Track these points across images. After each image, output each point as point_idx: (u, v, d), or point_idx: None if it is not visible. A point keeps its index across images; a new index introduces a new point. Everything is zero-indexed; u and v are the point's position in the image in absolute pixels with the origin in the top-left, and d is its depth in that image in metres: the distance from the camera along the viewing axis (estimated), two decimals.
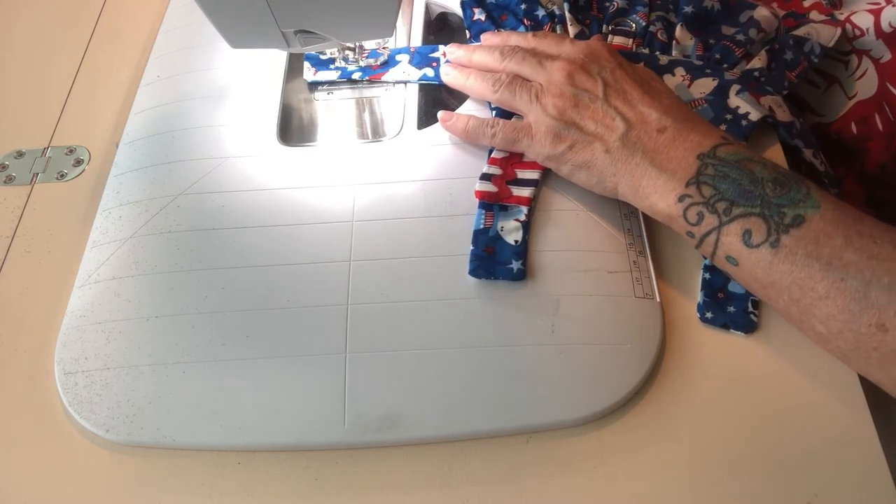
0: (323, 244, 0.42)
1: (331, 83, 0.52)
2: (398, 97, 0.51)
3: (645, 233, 0.42)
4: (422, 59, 0.52)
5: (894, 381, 0.33)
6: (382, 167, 0.46)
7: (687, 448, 0.36)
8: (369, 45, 0.52)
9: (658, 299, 0.40)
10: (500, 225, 0.42)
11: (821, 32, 0.51)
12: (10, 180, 0.49)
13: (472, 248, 0.41)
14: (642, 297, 0.40)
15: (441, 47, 0.52)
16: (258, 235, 0.43)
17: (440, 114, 0.47)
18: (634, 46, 0.51)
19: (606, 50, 0.44)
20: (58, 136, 0.51)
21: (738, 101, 0.46)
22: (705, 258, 0.41)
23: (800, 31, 0.51)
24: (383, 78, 0.51)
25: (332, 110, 0.51)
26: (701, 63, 0.49)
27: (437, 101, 0.51)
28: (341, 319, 0.39)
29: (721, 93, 0.47)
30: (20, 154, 0.50)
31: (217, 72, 0.52)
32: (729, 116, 0.46)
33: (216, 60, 0.53)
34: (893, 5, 0.48)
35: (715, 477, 0.35)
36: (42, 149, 0.51)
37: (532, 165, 0.45)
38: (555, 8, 0.54)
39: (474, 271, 0.40)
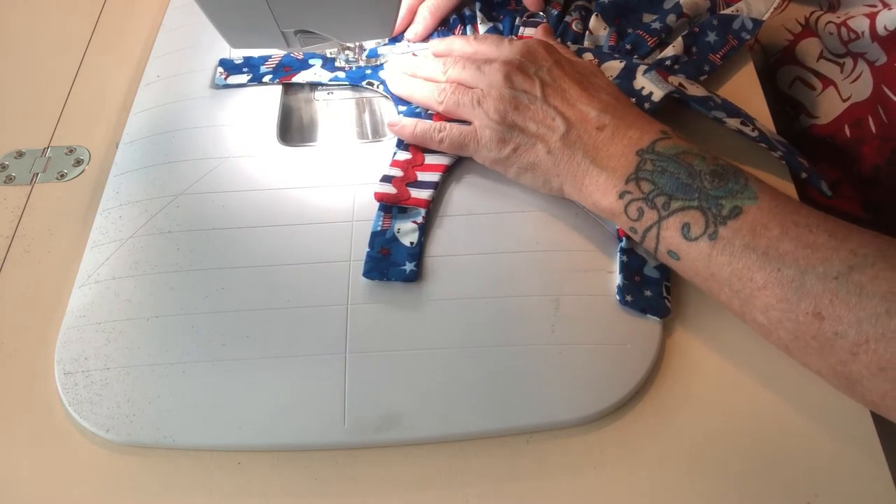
0: (323, 244, 0.42)
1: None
2: None
3: None
4: (333, 63, 0.52)
5: (833, 369, 0.33)
6: (382, 167, 0.46)
7: (687, 448, 0.36)
8: (369, 44, 0.52)
9: None
10: (396, 227, 0.42)
11: (754, 6, 0.50)
12: (10, 180, 0.49)
13: (367, 249, 0.41)
14: None
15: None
16: (258, 235, 0.43)
17: (388, 121, 0.47)
18: None
19: (543, 48, 0.44)
20: (58, 136, 0.51)
21: (644, 82, 0.46)
22: (620, 241, 0.41)
23: (729, 10, 0.50)
24: (294, 79, 0.51)
25: (332, 110, 0.51)
26: (610, 53, 0.49)
27: None
28: (341, 319, 0.39)
29: (628, 75, 0.47)
30: (20, 154, 0.50)
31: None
32: (633, 100, 0.45)
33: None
34: (889, 9, 0.48)
35: (715, 477, 0.35)
36: (42, 149, 0.51)
37: (433, 168, 0.45)
38: (465, 9, 0.54)
39: (368, 273, 0.40)
